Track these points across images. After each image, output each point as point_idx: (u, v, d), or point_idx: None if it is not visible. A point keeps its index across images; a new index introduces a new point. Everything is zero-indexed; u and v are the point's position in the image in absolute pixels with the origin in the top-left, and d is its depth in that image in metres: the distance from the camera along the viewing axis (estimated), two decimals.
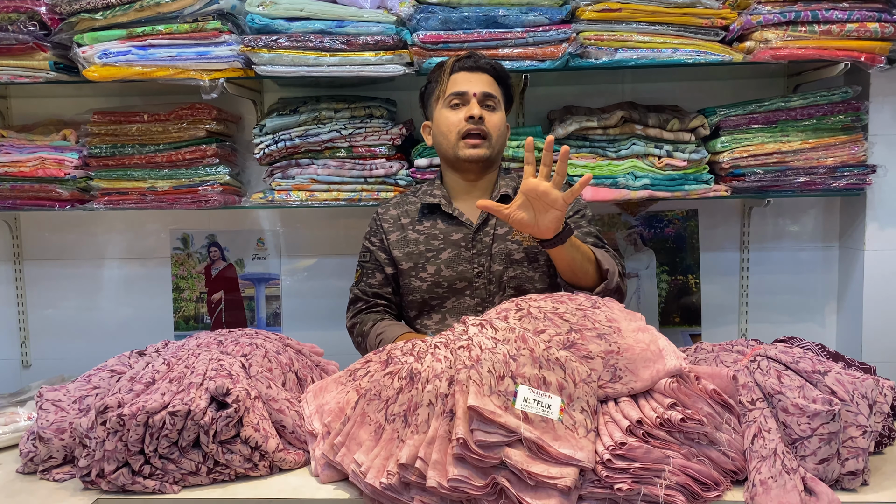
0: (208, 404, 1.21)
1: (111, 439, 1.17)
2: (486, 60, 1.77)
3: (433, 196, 1.80)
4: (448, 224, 1.78)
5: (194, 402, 1.19)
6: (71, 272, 2.59)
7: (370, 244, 1.86)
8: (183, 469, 1.21)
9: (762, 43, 2.00)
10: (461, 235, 1.76)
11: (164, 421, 1.18)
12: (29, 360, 2.62)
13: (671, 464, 1.10)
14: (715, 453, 1.15)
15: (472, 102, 1.71)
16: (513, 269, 1.73)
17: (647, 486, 1.09)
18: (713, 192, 2.18)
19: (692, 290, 2.50)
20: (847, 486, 1.15)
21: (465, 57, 1.76)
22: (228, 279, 2.57)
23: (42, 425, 1.28)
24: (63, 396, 1.35)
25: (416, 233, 1.79)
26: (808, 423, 1.12)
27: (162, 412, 1.18)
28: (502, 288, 1.74)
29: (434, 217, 1.80)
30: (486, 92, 1.72)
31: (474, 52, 1.79)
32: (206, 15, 2.04)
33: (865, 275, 2.28)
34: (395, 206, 1.86)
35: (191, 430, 1.20)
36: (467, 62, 1.75)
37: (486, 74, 1.75)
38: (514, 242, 1.74)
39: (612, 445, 1.09)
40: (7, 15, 2.07)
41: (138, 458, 1.19)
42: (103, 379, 1.40)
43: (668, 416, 1.11)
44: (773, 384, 1.20)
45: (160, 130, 2.23)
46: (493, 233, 1.75)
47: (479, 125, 1.69)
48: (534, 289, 1.73)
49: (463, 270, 1.73)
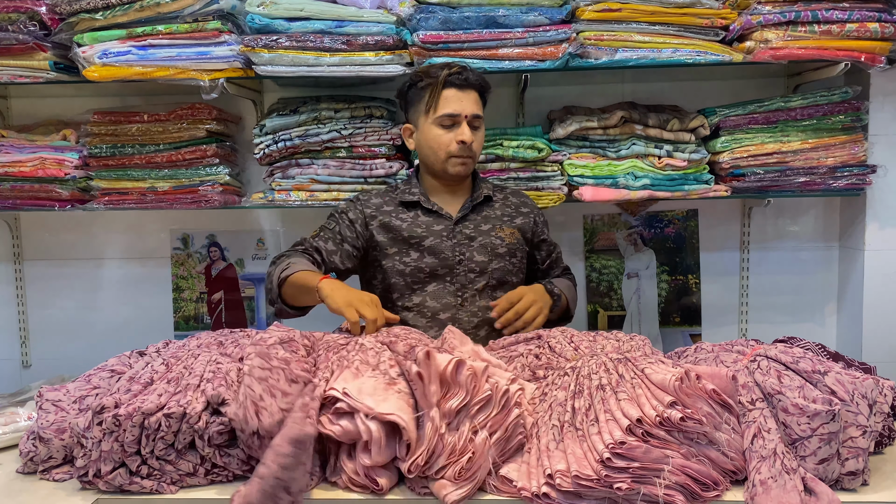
0: (204, 408, 1.19)
1: (107, 440, 1.17)
2: (475, 76, 1.82)
3: (412, 194, 1.89)
4: (429, 217, 1.87)
5: (190, 404, 1.18)
6: (71, 272, 2.59)
7: (341, 218, 1.88)
8: (180, 470, 1.20)
9: (762, 43, 2.00)
10: (442, 227, 1.85)
11: (159, 422, 1.17)
12: (29, 360, 2.62)
13: (670, 463, 1.10)
14: (714, 453, 1.14)
15: (462, 126, 1.80)
16: (497, 261, 1.86)
17: (647, 486, 1.09)
18: (713, 192, 2.18)
19: (692, 290, 2.50)
20: (847, 486, 1.15)
21: (456, 72, 1.80)
22: (228, 279, 2.57)
23: (42, 425, 1.28)
24: (63, 396, 1.34)
25: (400, 220, 1.86)
26: (808, 423, 1.12)
27: (158, 413, 1.17)
28: (485, 277, 1.85)
29: (415, 210, 1.89)
30: (475, 114, 1.81)
31: (462, 68, 1.82)
32: (206, 15, 2.04)
33: (865, 275, 2.28)
34: (376, 196, 1.94)
35: (186, 433, 1.19)
36: (458, 78, 1.79)
37: (474, 91, 1.82)
38: (497, 238, 1.87)
39: (612, 444, 1.09)
40: (7, 15, 2.07)
41: (135, 458, 1.19)
42: (103, 379, 1.40)
43: (667, 414, 1.11)
44: (773, 384, 1.20)
45: (160, 130, 2.24)
46: (473, 226, 1.87)
47: (468, 150, 1.81)
48: (511, 281, 1.89)
49: (445, 258, 1.83)
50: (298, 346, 1.35)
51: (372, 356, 1.31)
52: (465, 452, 1.15)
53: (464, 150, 1.79)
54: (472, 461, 1.14)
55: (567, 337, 1.48)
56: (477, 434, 1.16)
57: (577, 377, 1.25)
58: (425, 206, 1.87)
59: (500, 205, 1.93)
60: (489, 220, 1.89)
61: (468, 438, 1.15)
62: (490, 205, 1.92)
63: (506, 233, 1.88)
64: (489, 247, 1.85)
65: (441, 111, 1.79)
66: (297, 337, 1.39)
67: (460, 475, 1.14)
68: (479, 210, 1.90)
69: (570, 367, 1.30)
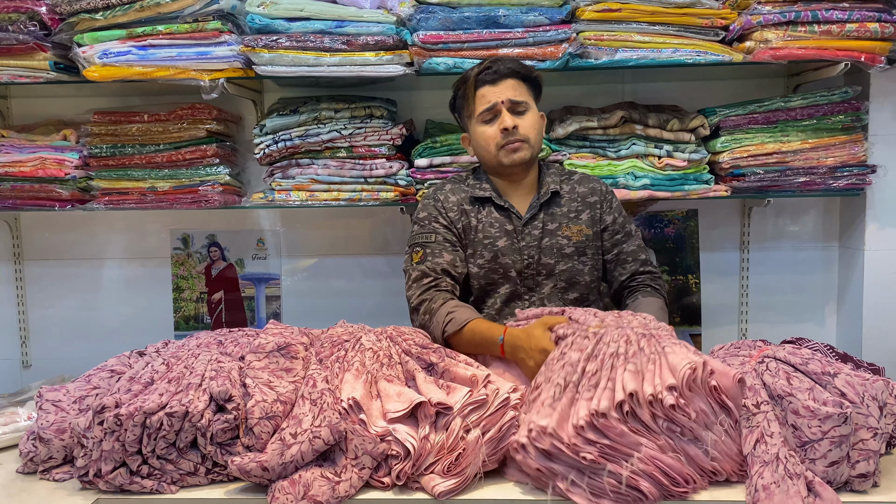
0: (206, 406, 1.20)
1: (108, 439, 1.18)
2: (505, 66, 1.78)
3: (483, 189, 1.84)
4: (501, 214, 1.83)
5: (192, 403, 1.19)
6: (71, 272, 2.59)
7: (436, 224, 1.82)
8: (181, 469, 1.21)
9: (762, 43, 2.00)
10: (513, 227, 1.82)
11: (161, 422, 1.18)
12: (29, 360, 2.62)
13: (641, 452, 1.10)
14: (694, 450, 1.14)
15: (503, 113, 1.75)
16: (564, 262, 1.81)
17: (613, 465, 1.10)
18: (713, 192, 2.18)
19: (692, 290, 2.50)
20: (857, 487, 1.15)
21: (484, 69, 1.78)
22: (228, 279, 2.57)
23: (42, 426, 1.28)
24: (63, 396, 1.35)
25: (476, 220, 1.83)
26: (818, 426, 1.11)
27: (159, 413, 1.18)
28: (553, 279, 1.81)
29: (488, 206, 1.84)
30: (512, 99, 1.76)
31: (492, 62, 1.79)
32: (207, 15, 2.04)
33: (865, 275, 2.28)
34: (452, 193, 1.86)
35: (188, 432, 1.19)
36: (488, 75, 1.77)
37: (510, 79, 1.77)
38: (564, 237, 1.82)
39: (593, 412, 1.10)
40: (7, 15, 2.07)
41: (136, 458, 1.19)
42: (103, 379, 1.40)
43: (661, 396, 1.11)
44: (783, 386, 1.19)
45: (160, 130, 2.23)
46: (541, 226, 1.82)
47: (514, 134, 1.75)
48: (583, 280, 1.83)
49: (515, 259, 1.80)
50: (297, 348, 1.36)
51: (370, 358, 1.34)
52: (455, 449, 1.18)
53: (508, 135, 1.74)
54: (462, 457, 1.17)
55: (591, 313, 1.46)
56: (469, 432, 1.19)
57: (596, 342, 1.25)
58: (497, 203, 1.82)
59: (566, 199, 1.85)
60: (556, 219, 1.83)
61: (459, 436, 1.18)
62: (557, 200, 1.85)
63: (573, 231, 1.82)
64: (555, 248, 1.80)
65: (479, 109, 1.77)
66: (295, 337, 1.39)
67: (449, 470, 1.17)
68: (548, 207, 1.84)
69: (593, 332, 1.29)
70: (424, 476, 1.18)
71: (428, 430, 1.20)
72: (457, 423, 1.19)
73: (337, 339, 1.43)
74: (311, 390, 1.25)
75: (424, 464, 1.19)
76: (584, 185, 1.90)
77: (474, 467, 1.18)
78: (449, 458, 1.18)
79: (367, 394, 1.26)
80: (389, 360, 1.36)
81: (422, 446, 1.18)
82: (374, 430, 1.20)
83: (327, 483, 1.15)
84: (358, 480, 1.17)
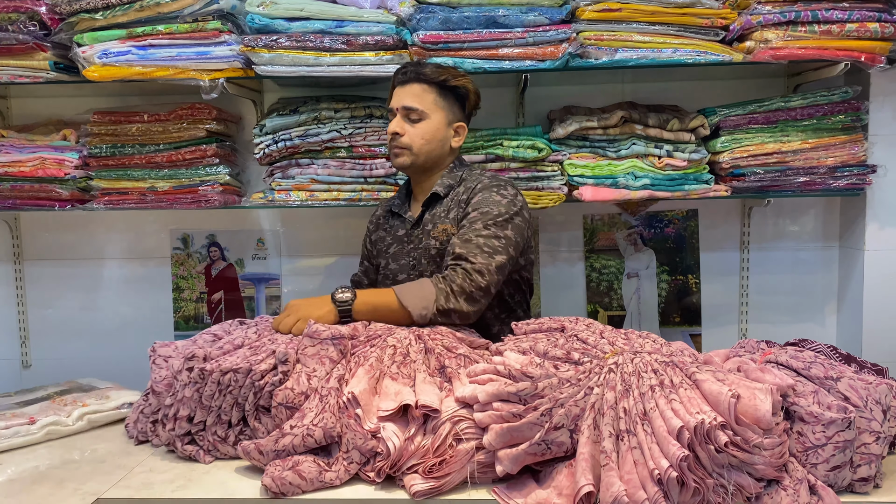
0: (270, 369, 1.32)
1: (190, 388, 1.31)
2: (413, 71, 1.78)
3: (399, 198, 1.93)
4: (397, 221, 1.90)
5: (259, 364, 1.31)
6: (71, 272, 2.59)
7: (366, 237, 2.02)
8: (217, 435, 1.32)
9: (762, 43, 2.00)
10: (403, 232, 1.87)
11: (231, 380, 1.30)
12: (29, 360, 2.62)
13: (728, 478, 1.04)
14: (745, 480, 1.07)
15: (396, 117, 1.79)
16: (430, 264, 1.78)
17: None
18: (713, 192, 2.18)
19: (692, 290, 2.50)
20: (858, 490, 1.15)
21: (401, 70, 1.81)
22: (228, 279, 2.57)
23: (155, 380, 1.41)
24: (173, 353, 1.49)
25: (385, 231, 1.93)
26: (823, 431, 1.10)
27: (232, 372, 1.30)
28: None
29: (393, 215, 1.93)
30: (406, 106, 1.77)
31: (409, 64, 1.84)
32: (206, 15, 2.04)
33: (865, 275, 2.28)
34: (381, 207, 2.00)
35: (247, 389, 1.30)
36: (400, 76, 1.81)
37: (415, 84, 1.77)
38: (433, 238, 1.77)
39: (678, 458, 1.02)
40: (7, 15, 2.07)
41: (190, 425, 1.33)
42: (206, 341, 1.51)
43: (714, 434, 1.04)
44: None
45: (160, 130, 2.24)
46: (422, 229, 1.82)
47: (395, 140, 1.78)
48: None
49: (404, 264, 1.85)
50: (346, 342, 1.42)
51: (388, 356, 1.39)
52: (441, 455, 1.19)
53: (392, 140, 1.78)
54: (446, 464, 1.18)
55: (596, 332, 1.37)
56: (461, 442, 1.20)
57: (621, 374, 1.17)
58: (394, 210, 1.91)
59: (447, 200, 1.78)
60: (434, 220, 1.78)
61: (447, 443, 1.20)
62: (441, 201, 1.80)
63: (438, 230, 1.76)
64: (428, 249, 1.77)
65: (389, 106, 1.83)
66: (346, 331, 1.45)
67: (430, 472, 1.18)
68: (432, 208, 1.81)
69: (614, 363, 1.21)
70: (407, 475, 1.20)
71: (414, 432, 1.22)
72: (445, 428, 1.21)
73: (373, 334, 1.47)
74: (325, 385, 1.31)
75: (408, 463, 1.21)
76: (472, 181, 1.78)
77: (460, 476, 1.19)
78: (432, 462, 1.19)
79: (370, 390, 1.29)
80: (405, 358, 1.38)
81: (404, 446, 1.21)
82: (368, 426, 1.23)
83: (317, 468, 1.22)
84: (345, 473, 1.23)
